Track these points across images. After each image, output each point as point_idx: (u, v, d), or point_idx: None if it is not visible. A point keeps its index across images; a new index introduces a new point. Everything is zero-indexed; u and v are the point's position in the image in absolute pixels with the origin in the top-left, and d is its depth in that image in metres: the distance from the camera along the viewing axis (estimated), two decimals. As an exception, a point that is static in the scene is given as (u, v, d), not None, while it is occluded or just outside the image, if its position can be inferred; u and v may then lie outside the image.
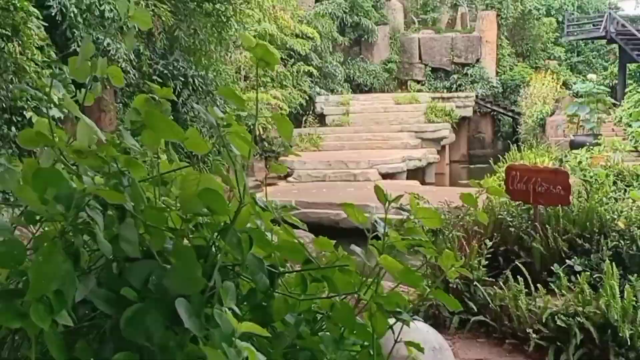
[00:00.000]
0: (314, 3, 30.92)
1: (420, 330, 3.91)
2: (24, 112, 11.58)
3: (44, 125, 1.49)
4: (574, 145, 21.17)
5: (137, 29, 15.26)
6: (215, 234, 1.24)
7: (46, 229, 1.26)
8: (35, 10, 11.66)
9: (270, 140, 25.55)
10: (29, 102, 11.68)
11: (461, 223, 7.27)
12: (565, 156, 13.01)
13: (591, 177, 9.11)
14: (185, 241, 1.29)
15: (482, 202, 8.56)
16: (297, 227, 1.52)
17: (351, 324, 1.26)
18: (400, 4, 34.04)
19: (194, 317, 1.13)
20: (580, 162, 13.24)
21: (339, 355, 1.22)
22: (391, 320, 1.35)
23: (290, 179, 19.50)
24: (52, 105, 7.51)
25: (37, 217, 1.19)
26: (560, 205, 6.94)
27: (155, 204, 1.29)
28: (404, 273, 1.31)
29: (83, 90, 1.62)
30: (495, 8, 33.83)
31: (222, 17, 17.15)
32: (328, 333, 1.31)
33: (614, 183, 10.82)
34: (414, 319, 1.51)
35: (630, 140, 21.92)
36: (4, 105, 11.16)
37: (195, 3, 16.59)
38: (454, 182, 24.74)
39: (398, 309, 1.31)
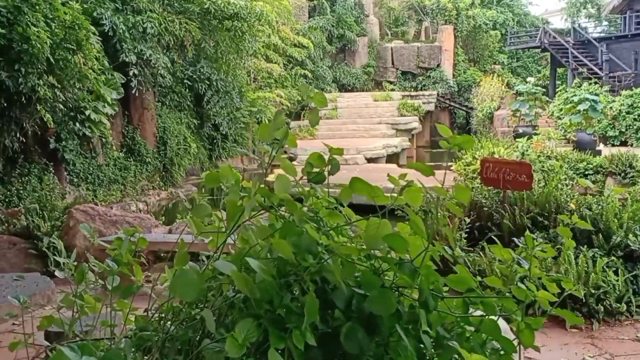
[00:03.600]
0: (308, 18, 30.73)
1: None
2: (85, 111, 11.51)
3: (227, 169, 1.54)
4: (518, 135, 21.39)
5: (172, 42, 15.05)
6: (395, 265, 1.31)
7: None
8: (92, 27, 11.52)
9: (275, 130, 25.48)
10: (89, 103, 11.58)
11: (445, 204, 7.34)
12: (527, 150, 13.12)
13: (548, 168, 9.25)
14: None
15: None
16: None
17: (497, 336, 1.33)
18: (376, 19, 33.84)
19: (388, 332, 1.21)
20: (526, 150, 13.37)
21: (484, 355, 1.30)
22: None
23: (294, 162, 19.47)
24: (105, 105, 7.53)
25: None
26: (524, 190, 7.03)
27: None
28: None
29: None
30: (453, 23, 33.78)
31: (239, 32, 17.04)
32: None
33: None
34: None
35: (561, 130, 22.17)
36: (70, 106, 11.07)
37: (217, 21, 16.45)
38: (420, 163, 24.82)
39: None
